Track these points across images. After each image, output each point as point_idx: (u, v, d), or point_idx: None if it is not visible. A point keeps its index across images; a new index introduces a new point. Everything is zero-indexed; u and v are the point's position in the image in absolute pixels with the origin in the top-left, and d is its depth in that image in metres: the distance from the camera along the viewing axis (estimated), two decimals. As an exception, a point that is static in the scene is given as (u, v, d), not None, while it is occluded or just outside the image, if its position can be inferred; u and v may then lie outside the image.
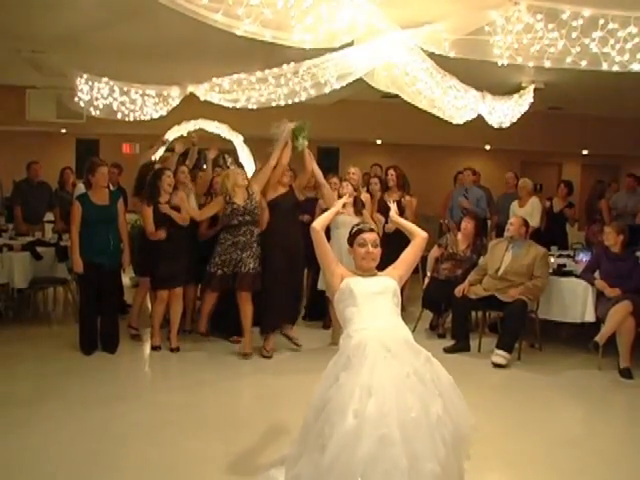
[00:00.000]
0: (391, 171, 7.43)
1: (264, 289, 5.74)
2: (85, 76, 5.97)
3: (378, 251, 3.32)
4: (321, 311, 6.77)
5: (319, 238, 3.37)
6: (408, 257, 3.42)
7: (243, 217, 5.70)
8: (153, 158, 7.08)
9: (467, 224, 6.88)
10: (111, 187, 6.23)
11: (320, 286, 6.24)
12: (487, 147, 13.48)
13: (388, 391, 2.73)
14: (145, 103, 6.28)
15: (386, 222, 6.42)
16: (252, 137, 8.56)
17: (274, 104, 5.84)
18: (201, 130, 7.89)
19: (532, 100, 7.39)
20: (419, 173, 10.97)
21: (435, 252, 7.00)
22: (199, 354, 5.88)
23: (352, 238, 3.37)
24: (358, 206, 6.03)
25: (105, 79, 6.00)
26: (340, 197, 5.60)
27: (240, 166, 7.87)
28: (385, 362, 2.85)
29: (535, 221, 7.69)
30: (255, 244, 5.75)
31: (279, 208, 5.87)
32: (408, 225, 3.59)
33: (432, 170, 12.93)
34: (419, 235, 3.46)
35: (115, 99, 6.13)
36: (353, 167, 6.99)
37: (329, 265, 3.33)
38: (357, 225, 3.46)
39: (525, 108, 7.27)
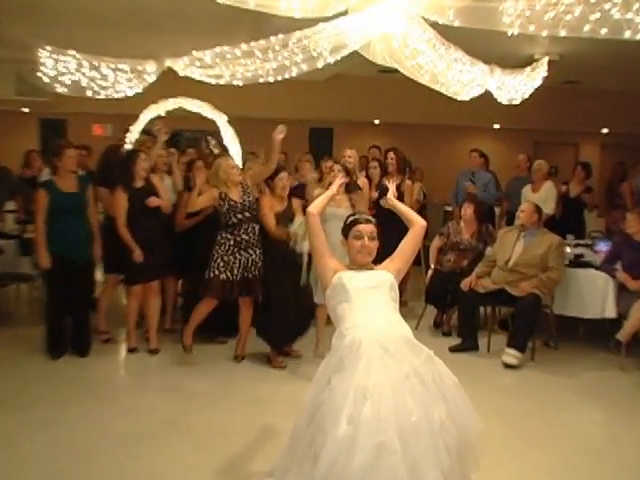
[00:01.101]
0: (390, 154, 7.45)
1: (271, 304, 5.68)
2: (49, 49, 5.93)
3: (375, 244, 3.33)
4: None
5: (315, 223, 3.38)
6: (406, 248, 3.44)
7: (242, 214, 5.59)
8: (128, 141, 7.07)
9: (467, 209, 6.91)
10: (79, 172, 6.18)
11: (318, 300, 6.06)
12: (496, 126, 13.50)
13: (385, 394, 2.75)
14: (118, 79, 6.24)
15: (379, 199, 6.42)
16: (237, 117, 8.56)
17: (262, 80, 5.83)
18: (181, 109, 7.90)
19: (546, 74, 7.39)
20: (421, 156, 11.01)
21: (437, 242, 7.04)
22: (181, 356, 5.86)
23: (347, 229, 3.38)
24: (352, 191, 5.98)
25: (72, 52, 5.97)
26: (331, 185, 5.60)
27: (224, 148, 7.87)
28: (382, 362, 2.87)
29: (550, 207, 7.71)
30: (258, 242, 5.68)
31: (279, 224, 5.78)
32: (405, 210, 3.59)
33: (436, 152, 12.96)
34: (417, 223, 3.47)
35: (84, 74, 6.09)
36: (349, 149, 7.03)
37: (322, 257, 3.34)
38: (353, 215, 3.46)
39: (538, 83, 7.26)
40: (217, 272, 5.55)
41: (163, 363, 5.80)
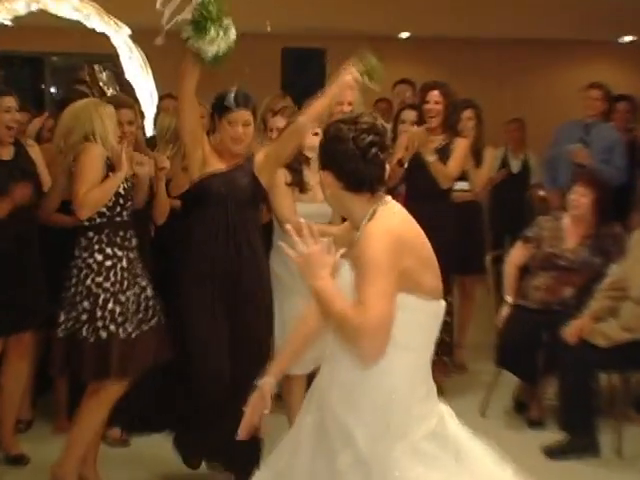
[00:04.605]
0: (434, 94, 7.38)
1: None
2: None
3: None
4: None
5: None
6: None
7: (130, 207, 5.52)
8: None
9: (580, 197, 6.86)
10: None
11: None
12: (626, 39, 13.56)
13: None
14: None
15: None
16: (150, 30, 8.55)
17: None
18: (45, 15, 7.90)
19: None
20: (487, 96, 10.96)
21: (518, 254, 7.04)
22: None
23: None
24: None
25: None
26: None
27: (124, 85, 7.87)
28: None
29: None
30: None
31: (216, 201, 5.48)
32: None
33: (514, 89, 13.02)
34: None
35: None
36: (351, 88, 6.95)
37: None
38: None
39: None
40: (113, 328, 5.23)
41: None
